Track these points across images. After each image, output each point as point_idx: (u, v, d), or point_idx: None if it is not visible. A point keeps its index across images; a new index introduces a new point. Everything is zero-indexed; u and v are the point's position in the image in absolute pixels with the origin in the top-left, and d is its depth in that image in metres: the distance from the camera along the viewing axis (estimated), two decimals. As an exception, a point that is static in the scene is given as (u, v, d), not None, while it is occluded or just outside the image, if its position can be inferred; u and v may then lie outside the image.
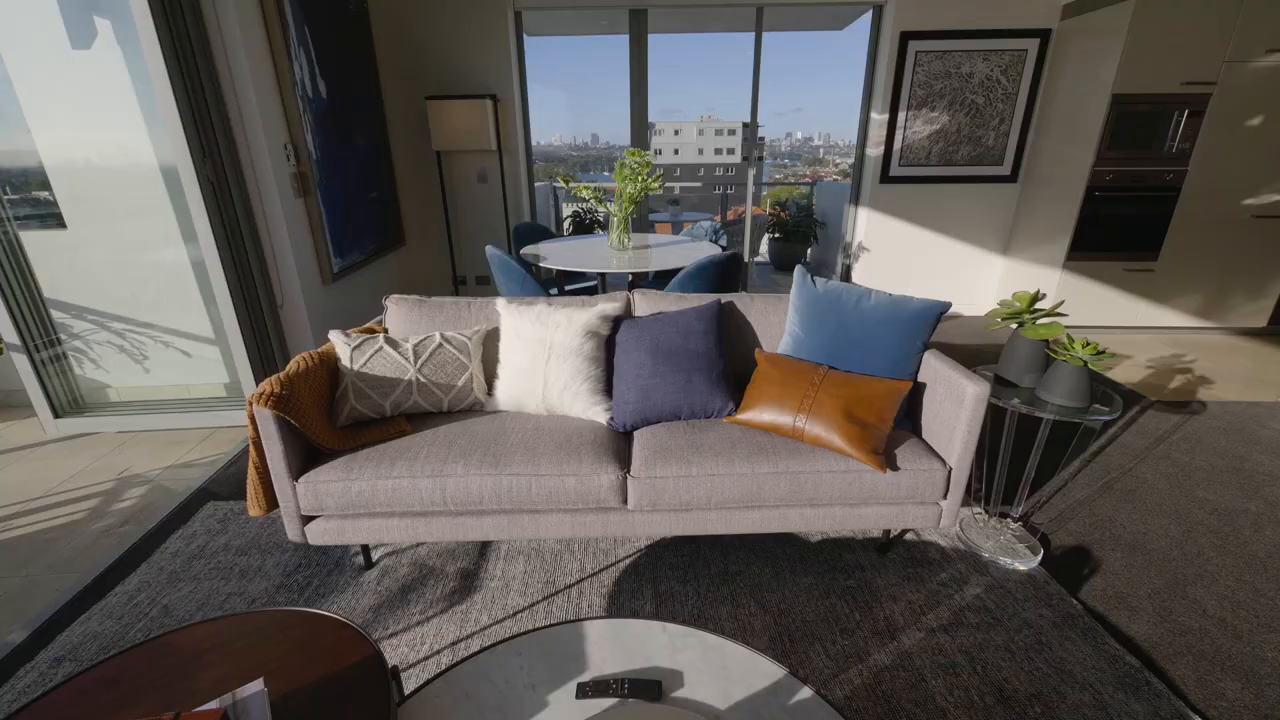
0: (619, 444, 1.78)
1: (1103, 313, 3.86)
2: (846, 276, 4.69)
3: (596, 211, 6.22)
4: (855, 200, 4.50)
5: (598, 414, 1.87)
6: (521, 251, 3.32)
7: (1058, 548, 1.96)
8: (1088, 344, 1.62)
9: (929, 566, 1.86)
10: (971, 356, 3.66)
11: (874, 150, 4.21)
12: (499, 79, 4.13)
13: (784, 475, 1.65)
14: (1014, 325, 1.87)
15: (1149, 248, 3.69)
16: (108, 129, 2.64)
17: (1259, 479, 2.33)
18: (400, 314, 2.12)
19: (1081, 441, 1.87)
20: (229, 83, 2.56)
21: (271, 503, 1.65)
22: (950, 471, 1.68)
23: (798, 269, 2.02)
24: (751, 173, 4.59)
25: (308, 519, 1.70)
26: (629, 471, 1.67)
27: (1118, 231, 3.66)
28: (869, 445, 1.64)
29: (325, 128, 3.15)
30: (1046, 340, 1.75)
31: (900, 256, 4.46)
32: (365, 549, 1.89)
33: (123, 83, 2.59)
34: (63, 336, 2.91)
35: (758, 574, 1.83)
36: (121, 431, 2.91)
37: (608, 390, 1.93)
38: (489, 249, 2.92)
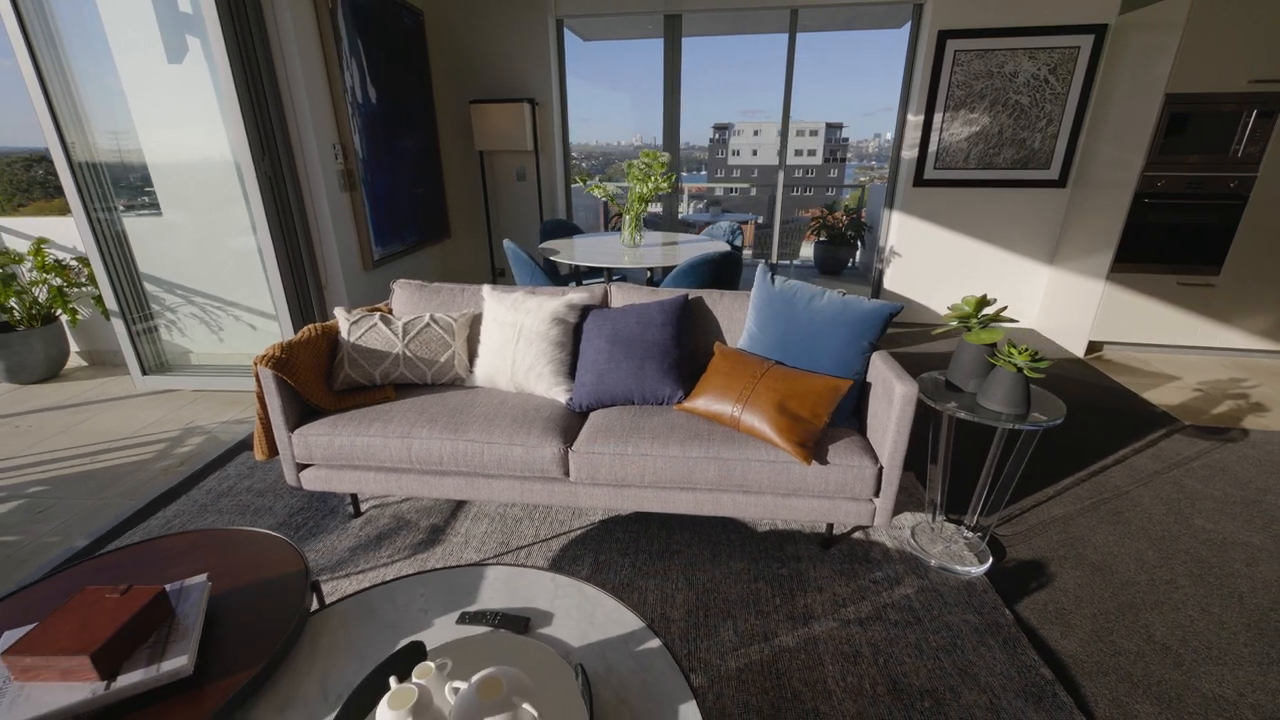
0: (572, 422, 1.93)
1: (1152, 330, 3.57)
2: (879, 282, 4.59)
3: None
4: (890, 204, 4.39)
5: (559, 394, 2.03)
6: (540, 246, 3.54)
7: (1012, 560, 1.91)
8: (1024, 350, 1.60)
9: (867, 564, 1.89)
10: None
11: (909, 153, 4.10)
12: (539, 83, 4.39)
13: (714, 460, 1.75)
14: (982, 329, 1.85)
15: (1209, 261, 3.37)
16: (195, 131, 3.09)
17: (1277, 514, 2.13)
18: (404, 297, 2.38)
19: (1023, 450, 1.82)
20: (286, 90, 2.94)
21: (272, 449, 1.95)
22: (881, 470, 1.71)
23: (760, 267, 2.09)
24: (780, 175, 4.58)
25: (302, 467, 1.98)
26: (571, 446, 1.82)
27: (1171, 242, 3.37)
28: (796, 437, 1.70)
29: (373, 130, 3.52)
30: (994, 345, 1.72)
31: (934, 263, 4.31)
32: (354, 499, 2.16)
33: (208, 91, 3.04)
34: (155, 308, 3.44)
35: (695, 554, 1.93)
36: (196, 390, 3.40)
37: (572, 373, 2.09)
38: (506, 242, 3.16)
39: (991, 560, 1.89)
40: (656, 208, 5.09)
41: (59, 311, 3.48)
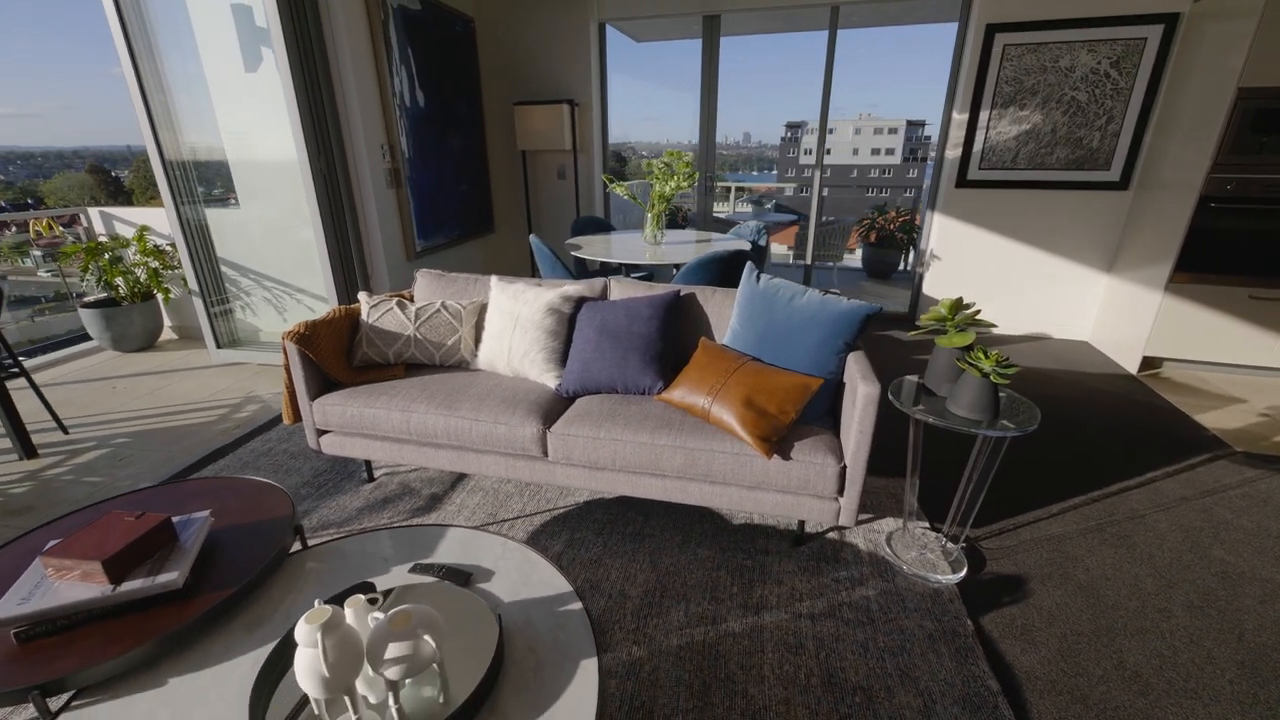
0: (557, 406, 2.06)
1: (1218, 347, 3.26)
2: (919, 286, 4.42)
3: (684, 208, 6.45)
4: (931, 205, 4.23)
5: (549, 379, 2.16)
6: (566, 242, 3.69)
7: (990, 572, 1.86)
8: (992, 355, 1.56)
9: (835, 564, 1.89)
10: (1036, 382, 3.33)
11: (953, 152, 3.94)
12: (579, 85, 4.55)
13: (680, 449, 1.82)
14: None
15: (1288, 273, 3.04)
16: (268, 133, 3.46)
17: (1316, 551, 1.94)
18: (425, 284, 2.59)
19: (992, 458, 1.76)
20: (341, 96, 3.24)
21: (297, 415, 2.19)
22: (844, 468, 1.72)
23: (747, 265, 2.12)
24: (817, 175, 4.51)
25: (322, 433, 2.22)
26: (550, 428, 1.95)
27: (1243, 251, 3.07)
28: (760, 431, 1.74)
29: (419, 131, 3.79)
30: (967, 349, 1.68)
31: (977, 268, 4.11)
32: (368, 466, 2.39)
33: (278, 97, 3.39)
34: (231, 290, 3.88)
35: (665, 540, 2.01)
36: (261, 364, 3.81)
37: (564, 361, 2.21)
38: (531, 237, 3.33)
39: (966, 570, 1.85)
40: (693, 206, 5.14)
41: (155, 290, 4.00)
